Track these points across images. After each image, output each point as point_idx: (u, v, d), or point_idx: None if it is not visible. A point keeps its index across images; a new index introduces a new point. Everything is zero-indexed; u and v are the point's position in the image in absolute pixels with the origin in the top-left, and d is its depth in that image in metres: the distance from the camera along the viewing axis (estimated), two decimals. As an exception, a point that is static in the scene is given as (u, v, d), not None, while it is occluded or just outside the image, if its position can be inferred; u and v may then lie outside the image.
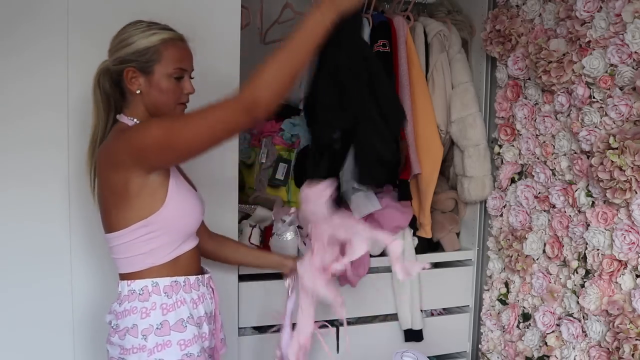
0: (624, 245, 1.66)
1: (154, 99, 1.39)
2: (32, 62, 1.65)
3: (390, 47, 2.12)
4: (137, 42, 1.37)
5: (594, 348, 1.77)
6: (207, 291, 1.51)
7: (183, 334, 1.38)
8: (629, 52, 1.66)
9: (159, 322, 1.37)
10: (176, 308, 1.39)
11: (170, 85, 1.38)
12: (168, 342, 1.36)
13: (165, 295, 1.39)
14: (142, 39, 1.37)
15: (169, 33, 1.39)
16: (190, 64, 1.43)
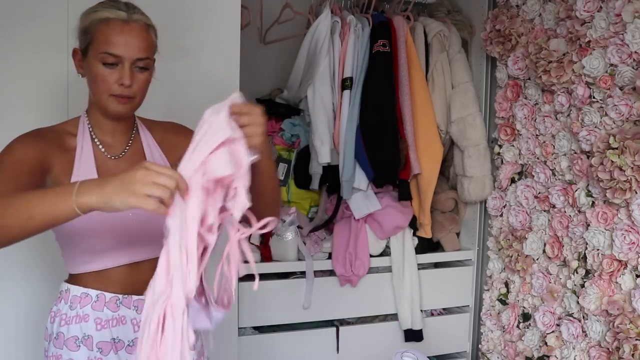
0: (624, 245, 1.66)
1: (89, 87, 1.25)
2: (32, 61, 1.65)
3: (390, 47, 2.12)
4: (80, 20, 1.25)
5: (594, 348, 1.77)
6: (135, 316, 1.27)
7: (74, 353, 1.23)
8: (629, 52, 1.66)
9: (56, 332, 1.25)
10: (73, 323, 1.23)
11: (98, 71, 1.20)
12: (59, 355, 1.23)
13: (68, 306, 1.24)
14: (84, 16, 1.24)
15: (111, 12, 1.22)
16: (130, 51, 1.20)
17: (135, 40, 1.21)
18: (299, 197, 2.24)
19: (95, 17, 1.21)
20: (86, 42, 1.22)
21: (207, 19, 1.78)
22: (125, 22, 1.21)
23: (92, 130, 1.28)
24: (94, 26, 1.21)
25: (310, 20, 2.18)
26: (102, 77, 1.20)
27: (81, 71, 1.26)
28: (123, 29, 1.21)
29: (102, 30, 1.20)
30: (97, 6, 1.24)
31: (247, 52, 1.87)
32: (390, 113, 2.13)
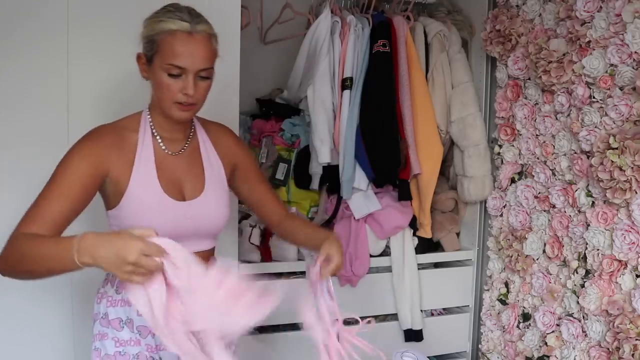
0: (624, 245, 1.66)
1: (154, 91, 1.33)
2: (32, 61, 1.65)
3: (390, 47, 2.12)
4: (146, 27, 1.29)
5: (594, 348, 1.77)
6: None
7: (119, 332, 1.35)
8: (629, 52, 1.66)
9: (103, 312, 1.36)
10: (119, 305, 1.35)
11: (163, 80, 1.27)
12: (105, 334, 1.35)
13: (114, 290, 1.36)
14: (149, 25, 1.28)
15: (175, 23, 1.26)
16: (194, 63, 1.26)
17: (199, 52, 1.26)
18: (299, 197, 2.24)
19: (160, 28, 1.26)
20: (151, 51, 1.27)
21: (207, 19, 1.78)
22: (190, 34, 1.26)
23: (153, 127, 1.36)
24: (159, 37, 1.26)
25: (310, 20, 2.18)
26: (167, 86, 1.27)
27: (145, 75, 1.32)
28: (187, 42, 1.25)
29: (167, 42, 1.25)
30: (161, 14, 1.28)
31: (247, 52, 1.87)
32: (390, 113, 2.13)
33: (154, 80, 1.29)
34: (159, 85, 1.28)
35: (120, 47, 1.69)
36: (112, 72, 1.71)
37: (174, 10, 1.28)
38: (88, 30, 1.67)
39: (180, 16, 1.26)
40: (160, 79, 1.27)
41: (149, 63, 1.29)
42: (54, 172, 1.25)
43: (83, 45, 1.67)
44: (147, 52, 1.28)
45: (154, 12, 1.30)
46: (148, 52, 1.28)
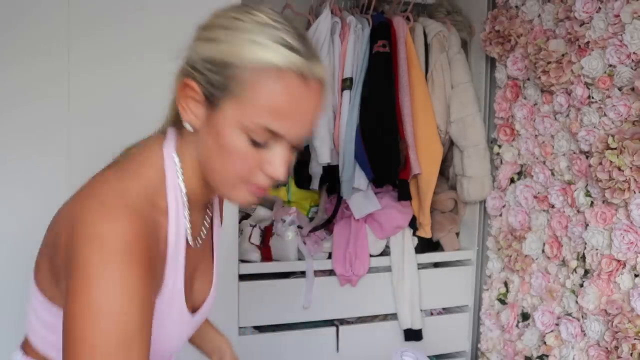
0: (622, 245, 1.67)
1: (208, 151, 0.82)
2: (33, 64, 1.65)
3: (390, 47, 2.13)
4: (224, 44, 0.78)
5: (593, 347, 1.77)
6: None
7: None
8: (628, 53, 1.66)
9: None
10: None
11: (238, 146, 0.79)
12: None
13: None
14: (229, 41, 0.78)
15: (289, 57, 0.77)
16: (301, 129, 0.80)
17: (311, 111, 0.80)
18: (299, 197, 2.24)
19: (255, 57, 0.76)
20: (222, 88, 0.78)
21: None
22: (305, 79, 0.78)
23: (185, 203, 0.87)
24: (249, 72, 0.76)
25: (310, 20, 2.19)
26: (242, 156, 0.80)
27: (193, 120, 0.82)
28: (300, 93, 0.78)
29: (268, 88, 0.76)
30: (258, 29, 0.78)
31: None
32: (390, 113, 2.13)
33: (215, 137, 0.80)
34: (225, 149, 0.80)
35: (122, 49, 1.71)
36: (113, 74, 1.71)
37: (282, 28, 0.78)
38: (89, 32, 1.68)
39: (292, 44, 0.77)
40: (231, 141, 0.79)
41: (211, 106, 0.79)
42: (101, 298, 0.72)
43: (84, 48, 1.68)
44: (212, 88, 0.79)
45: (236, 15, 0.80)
46: (213, 87, 0.79)
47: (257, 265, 2.08)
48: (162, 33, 1.74)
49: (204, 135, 0.82)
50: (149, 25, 1.71)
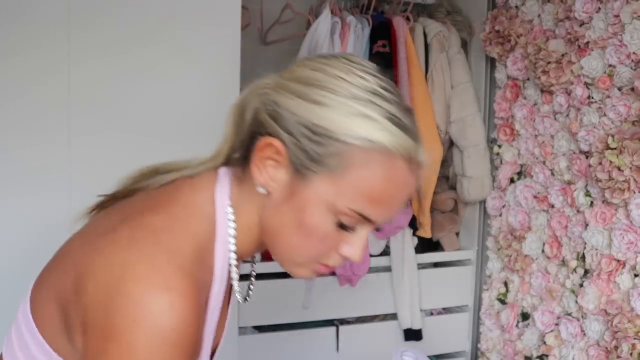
0: (622, 244, 1.67)
1: (281, 223, 0.74)
2: (32, 60, 1.64)
3: (390, 47, 2.13)
4: (329, 112, 0.69)
5: (593, 347, 1.77)
6: None
7: None
8: (628, 53, 1.67)
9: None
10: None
11: (324, 226, 0.72)
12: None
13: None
14: (345, 114, 0.69)
15: (402, 141, 0.69)
16: (391, 215, 0.74)
17: (408, 195, 0.74)
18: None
19: (367, 135, 0.68)
20: (320, 162, 0.69)
21: (207, 19, 1.79)
22: (410, 163, 0.71)
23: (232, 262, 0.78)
24: (357, 151, 0.68)
25: (310, 20, 2.19)
26: (323, 237, 0.73)
27: (269, 184, 0.74)
28: (404, 179, 0.71)
29: (372, 172, 0.69)
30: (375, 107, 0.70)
31: (247, 53, 1.88)
32: (390, 113, 2.13)
33: (296, 210, 0.72)
34: (305, 226, 0.72)
35: (123, 38, 1.70)
36: (114, 63, 1.70)
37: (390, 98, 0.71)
38: (89, 21, 1.67)
39: (403, 122, 0.70)
40: (316, 221, 0.71)
41: (298, 175, 0.71)
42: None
43: (84, 44, 1.67)
44: (304, 157, 0.70)
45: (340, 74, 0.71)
46: (307, 157, 0.70)
47: (257, 265, 2.08)
48: (163, 22, 1.74)
49: (279, 204, 0.73)
50: (150, 14, 1.71)
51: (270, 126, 0.72)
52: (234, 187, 0.78)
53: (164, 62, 1.73)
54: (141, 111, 1.73)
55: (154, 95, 1.73)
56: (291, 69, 0.77)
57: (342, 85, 0.70)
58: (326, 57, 0.74)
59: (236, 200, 0.77)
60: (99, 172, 1.70)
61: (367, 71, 0.73)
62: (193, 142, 1.77)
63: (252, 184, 0.75)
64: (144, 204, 0.76)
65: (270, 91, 0.76)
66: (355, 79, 0.71)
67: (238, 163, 0.79)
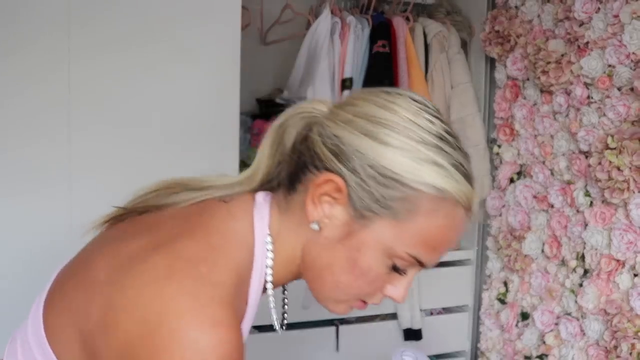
0: (621, 244, 1.67)
1: (326, 258, 0.73)
2: (32, 58, 1.64)
3: (389, 47, 2.13)
4: (401, 156, 0.68)
5: (592, 347, 1.77)
6: None
7: None
8: (627, 53, 1.67)
9: None
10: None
11: (377, 268, 0.72)
12: None
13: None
14: (417, 160, 0.68)
15: (465, 191, 0.70)
16: (441, 256, 0.74)
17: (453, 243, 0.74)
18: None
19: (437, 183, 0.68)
20: (385, 206, 0.68)
21: (207, 19, 1.79)
22: (468, 211, 0.72)
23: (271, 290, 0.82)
24: (426, 199, 0.68)
25: (310, 20, 2.19)
26: (374, 279, 0.73)
27: (324, 222, 0.72)
28: (461, 225, 0.72)
29: (436, 221, 0.69)
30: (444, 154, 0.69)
31: (247, 53, 1.88)
32: (390, 113, 2.13)
33: (351, 251, 0.71)
34: (358, 267, 0.71)
35: (123, 35, 1.70)
36: (114, 70, 1.71)
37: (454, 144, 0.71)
38: (89, 27, 1.67)
39: (468, 171, 0.71)
40: (371, 263, 0.71)
41: (359, 216, 0.70)
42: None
43: (84, 43, 1.68)
44: (369, 199, 0.69)
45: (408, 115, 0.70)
46: (372, 199, 0.68)
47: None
48: (163, 21, 1.74)
49: (331, 242, 0.71)
50: (151, 13, 1.71)
51: (331, 162, 0.70)
52: (273, 214, 0.75)
53: (164, 62, 1.73)
54: (141, 110, 1.73)
55: (154, 94, 1.73)
56: (351, 101, 0.74)
57: (411, 128, 0.69)
58: (391, 94, 0.72)
59: (276, 230, 0.75)
60: (99, 170, 1.71)
61: (433, 114, 0.71)
62: (193, 141, 1.78)
63: (294, 214, 0.74)
64: (178, 229, 0.72)
65: (328, 122, 0.72)
66: (424, 122, 0.69)
67: (280, 190, 0.77)
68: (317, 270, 0.74)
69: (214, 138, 1.80)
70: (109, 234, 0.82)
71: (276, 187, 0.78)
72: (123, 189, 1.48)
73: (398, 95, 0.72)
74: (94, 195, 1.66)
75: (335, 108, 0.74)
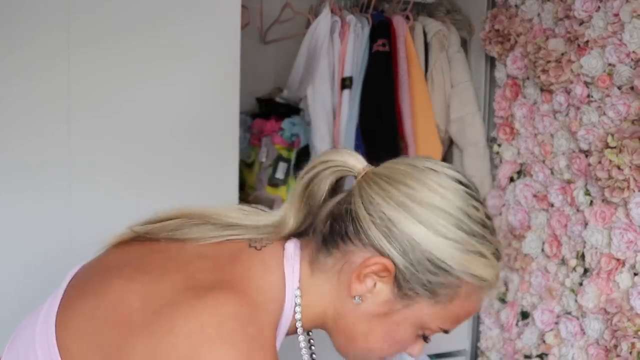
0: (622, 243, 1.67)
1: (362, 327, 0.77)
2: (31, 56, 1.64)
3: (389, 46, 2.13)
4: (454, 250, 0.72)
5: (592, 346, 1.77)
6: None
7: None
8: (627, 52, 1.67)
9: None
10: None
11: (408, 336, 0.77)
12: None
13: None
14: (468, 252, 0.72)
15: (494, 273, 0.76)
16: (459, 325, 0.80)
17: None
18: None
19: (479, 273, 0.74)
20: (431, 290, 0.73)
21: (207, 18, 1.79)
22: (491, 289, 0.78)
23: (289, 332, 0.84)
24: (466, 285, 0.74)
25: (310, 19, 2.19)
26: (402, 343, 0.78)
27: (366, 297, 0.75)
28: (482, 300, 0.79)
29: (470, 301, 0.76)
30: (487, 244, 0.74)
31: (247, 52, 1.88)
32: (390, 112, 2.13)
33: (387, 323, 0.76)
34: (392, 337, 0.77)
35: (123, 30, 1.70)
36: (113, 70, 1.71)
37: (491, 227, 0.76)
38: (89, 27, 1.67)
39: (500, 255, 0.78)
40: (405, 334, 0.77)
41: (403, 296, 0.74)
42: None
43: (84, 43, 1.67)
44: (416, 282, 0.73)
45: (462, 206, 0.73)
46: (419, 284, 0.73)
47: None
48: (163, 20, 1.74)
49: (371, 315, 0.75)
50: (150, 12, 1.71)
51: (380, 241, 0.72)
52: (303, 267, 0.78)
53: (164, 61, 1.73)
54: (140, 109, 1.73)
55: (154, 93, 1.73)
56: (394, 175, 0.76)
57: (463, 219, 0.72)
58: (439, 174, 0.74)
59: (305, 284, 0.77)
60: (99, 168, 1.71)
61: (477, 198, 0.75)
62: (192, 140, 1.78)
63: (326, 275, 0.76)
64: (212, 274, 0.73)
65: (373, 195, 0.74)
66: (472, 210, 0.73)
67: (309, 241, 0.79)
68: (350, 335, 0.78)
69: (214, 137, 1.80)
70: (124, 257, 0.81)
71: (304, 236, 0.80)
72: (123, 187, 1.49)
73: (446, 177, 0.74)
74: (93, 193, 1.66)
75: (376, 176, 0.76)
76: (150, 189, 1.72)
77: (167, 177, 1.75)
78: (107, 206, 1.69)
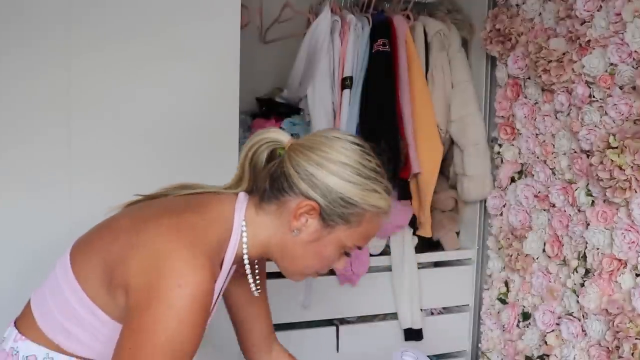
0: (623, 244, 1.67)
1: (299, 251, 1.07)
2: (31, 56, 1.64)
3: (390, 46, 2.13)
4: (358, 190, 1.02)
5: (594, 347, 1.77)
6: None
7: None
8: (629, 51, 1.66)
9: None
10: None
11: (332, 254, 1.07)
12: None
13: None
14: (367, 190, 1.03)
15: (388, 202, 1.07)
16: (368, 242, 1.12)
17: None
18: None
19: (374, 202, 1.04)
20: (346, 220, 1.03)
21: (207, 18, 1.79)
22: (388, 213, 1.08)
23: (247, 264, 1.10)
24: (367, 212, 1.04)
25: (310, 19, 2.18)
26: (329, 259, 1.08)
27: (302, 229, 1.05)
28: (382, 223, 1.09)
29: (372, 224, 1.06)
30: (375, 180, 1.04)
31: (247, 52, 1.87)
32: (390, 112, 2.13)
33: (318, 246, 1.06)
34: (321, 256, 1.07)
35: (122, 44, 1.70)
36: (113, 69, 1.70)
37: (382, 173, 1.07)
38: (89, 27, 1.67)
39: (390, 189, 1.07)
40: (330, 254, 1.07)
41: (327, 226, 1.04)
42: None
43: (84, 43, 1.67)
44: (335, 215, 1.03)
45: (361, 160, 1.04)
46: (338, 216, 1.03)
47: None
48: (163, 20, 1.73)
49: (305, 242, 1.05)
50: (150, 12, 1.70)
51: (306, 191, 1.02)
52: (249, 209, 1.08)
53: (164, 61, 1.73)
54: (141, 109, 1.72)
55: (154, 93, 1.73)
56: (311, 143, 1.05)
57: (360, 169, 1.03)
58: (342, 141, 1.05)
59: (250, 219, 1.07)
60: (99, 168, 1.70)
61: (368, 152, 1.06)
62: (193, 140, 1.78)
63: (267, 216, 1.06)
64: (183, 205, 1.07)
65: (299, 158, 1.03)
66: (365, 161, 1.04)
67: (257, 195, 1.08)
68: (291, 258, 1.08)
69: (214, 137, 1.80)
70: (132, 210, 1.13)
71: (252, 193, 1.10)
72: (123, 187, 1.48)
73: (347, 141, 1.05)
74: (94, 193, 1.65)
75: (299, 146, 1.05)
76: (150, 188, 1.71)
77: (167, 177, 1.73)
78: (107, 206, 1.68)
